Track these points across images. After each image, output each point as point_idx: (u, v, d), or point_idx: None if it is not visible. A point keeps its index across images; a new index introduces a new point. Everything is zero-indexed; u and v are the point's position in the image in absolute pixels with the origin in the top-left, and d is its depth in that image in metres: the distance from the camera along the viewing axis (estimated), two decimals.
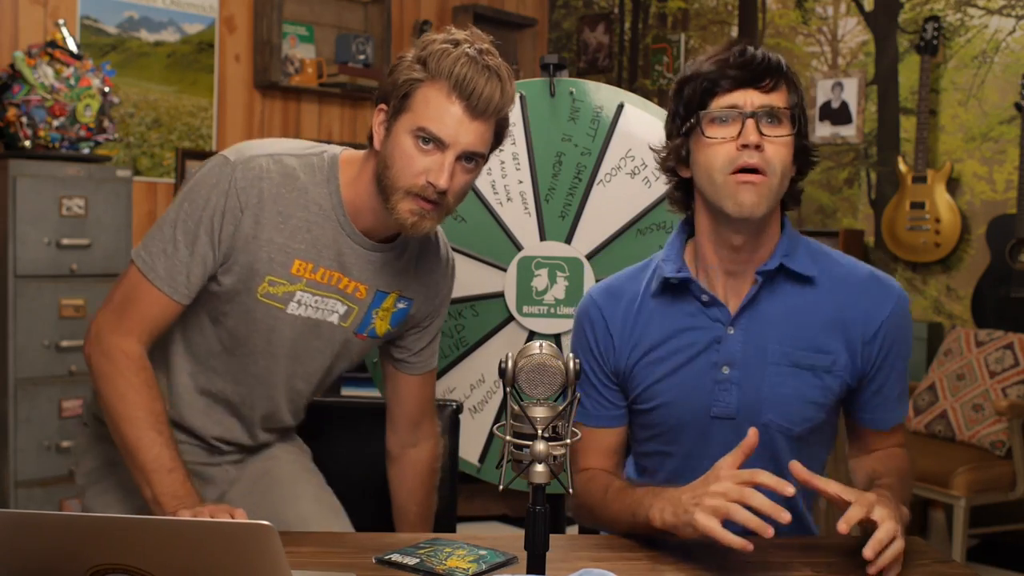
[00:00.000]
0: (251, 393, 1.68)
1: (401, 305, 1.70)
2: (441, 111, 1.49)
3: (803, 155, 1.61)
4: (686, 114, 1.59)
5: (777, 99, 1.54)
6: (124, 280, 1.58)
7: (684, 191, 1.66)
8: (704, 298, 1.60)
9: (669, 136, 1.64)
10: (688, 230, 1.67)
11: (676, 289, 1.62)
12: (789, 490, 1.32)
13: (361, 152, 1.61)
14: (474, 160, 1.54)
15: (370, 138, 1.58)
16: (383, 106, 1.55)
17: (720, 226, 1.58)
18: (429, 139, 1.49)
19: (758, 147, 1.51)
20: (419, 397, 1.81)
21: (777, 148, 1.53)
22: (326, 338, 1.65)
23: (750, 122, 1.52)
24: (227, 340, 1.63)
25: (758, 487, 1.34)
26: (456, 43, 1.51)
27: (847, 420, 1.71)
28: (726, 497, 1.33)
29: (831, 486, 1.39)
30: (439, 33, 1.54)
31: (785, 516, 1.30)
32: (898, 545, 1.33)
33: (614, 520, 1.56)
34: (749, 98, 1.53)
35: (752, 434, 1.40)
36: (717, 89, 1.55)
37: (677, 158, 1.62)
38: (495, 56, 1.56)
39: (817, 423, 1.62)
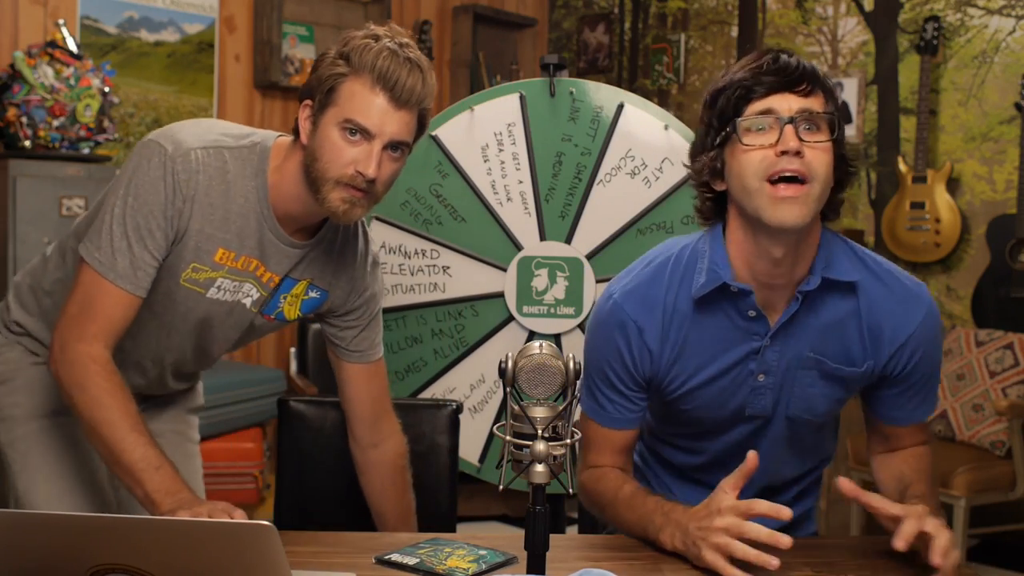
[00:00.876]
0: (159, 356, 1.74)
1: (313, 294, 1.74)
2: (366, 103, 1.53)
3: (841, 164, 1.54)
4: (720, 124, 1.52)
5: (815, 103, 1.48)
6: (79, 286, 1.56)
7: (717, 203, 1.59)
8: (751, 313, 1.54)
9: (701, 150, 1.58)
10: (723, 236, 1.59)
11: (720, 296, 1.55)
12: (785, 514, 1.36)
13: (289, 144, 1.66)
14: (399, 149, 1.58)
15: (295, 132, 1.62)
16: (308, 101, 1.59)
17: (759, 238, 1.51)
18: (356, 130, 1.54)
19: (798, 153, 1.45)
20: (369, 391, 1.82)
21: (817, 154, 1.47)
22: (236, 317, 1.71)
23: (788, 128, 1.46)
24: (144, 314, 1.63)
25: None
26: (377, 37, 1.56)
27: (868, 416, 1.70)
28: (728, 533, 1.37)
29: (880, 501, 1.42)
30: (360, 30, 1.59)
31: (784, 541, 1.34)
32: (956, 554, 1.38)
33: (624, 525, 1.57)
34: (787, 103, 1.47)
35: (751, 457, 1.42)
36: (752, 95, 1.49)
37: (712, 171, 1.56)
38: (415, 49, 1.59)
39: (835, 412, 1.68)
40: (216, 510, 1.42)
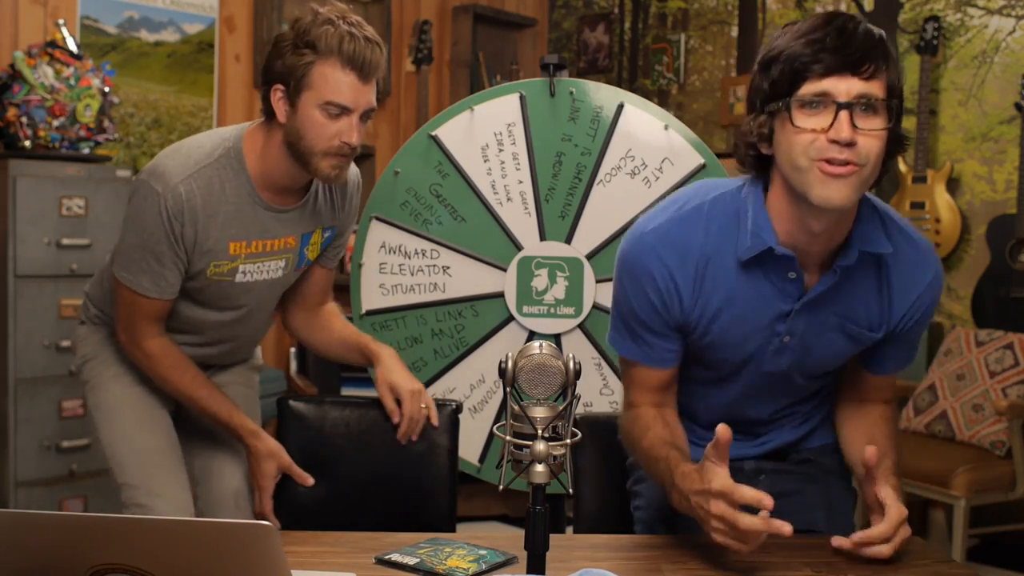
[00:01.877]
0: (213, 337, 2.08)
1: (327, 234, 2.06)
2: (340, 83, 1.77)
3: (896, 143, 1.49)
4: (772, 95, 1.45)
5: (876, 87, 1.40)
6: (121, 300, 1.95)
7: (762, 160, 1.53)
8: (791, 275, 1.52)
9: (751, 109, 1.51)
10: (763, 197, 1.54)
11: (761, 258, 1.52)
12: (767, 503, 1.36)
13: (260, 127, 1.90)
14: (369, 115, 1.85)
15: (269, 113, 1.85)
16: (279, 86, 1.81)
17: (801, 211, 1.48)
18: (336, 108, 1.78)
19: (851, 143, 1.39)
20: (324, 283, 2.17)
21: (870, 140, 1.41)
22: (272, 287, 2.04)
23: (843, 114, 1.39)
24: (198, 311, 2.01)
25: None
26: (331, 21, 1.77)
27: (853, 365, 1.71)
28: (723, 522, 1.38)
29: (884, 491, 1.48)
30: (307, 15, 1.79)
31: (781, 528, 1.35)
32: (905, 532, 1.46)
33: (649, 473, 1.62)
34: (845, 85, 1.39)
35: (722, 431, 1.39)
36: (808, 73, 1.40)
37: (760, 136, 1.49)
38: (366, 26, 1.81)
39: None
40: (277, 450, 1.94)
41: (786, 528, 1.34)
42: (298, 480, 1.94)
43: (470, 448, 2.45)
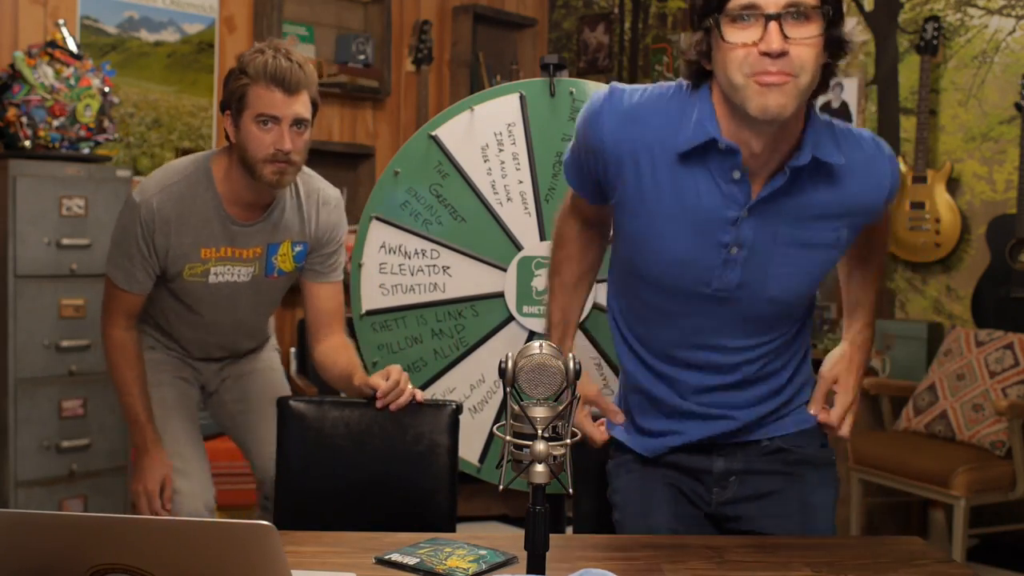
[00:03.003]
0: (208, 333, 2.41)
1: (298, 248, 2.32)
2: (268, 98, 2.10)
3: (836, 47, 1.46)
4: (704, 11, 1.44)
5: None
6: (105, 289, 2.32)
7: (708, 77, 1.52)
8: (736, 175, 1.49)
9: (693, 27, 1.50)
10: (710, 96, 1.52)
11: (705, 154, 1.49)
12: (619, 419, 1.75)
13: (224, 151, 2.25)
14: (302, 124, 2.14)
15: (228, 138, 2.21)
16: (228, 111, 2.18)
17: (742, 125, 1.46)
18: (267, 119, 2.10)
19: (782, 54, 1.37)
20: (330, 303, 2.36)
21: (804, 49, 1.39)
22: (244, 289, 2.31)
23: (773, 25, 1.37)
24: (181, 309, 2.35)
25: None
26: (262, 51, 2.12)
27: None
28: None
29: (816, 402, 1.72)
30: (251, 49, 2.16)
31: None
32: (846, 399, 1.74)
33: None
34: None
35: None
36: None
37: (699, 54, 1.49)
38: (293, 52, 2.15)
39: (816, 288, 1.66)
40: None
41: (615, 416, 1.75)
42: (163, 503, 2.25)
43: (470, 448, 2.45)
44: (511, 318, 2.45)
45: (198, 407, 2.51)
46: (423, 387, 2.49)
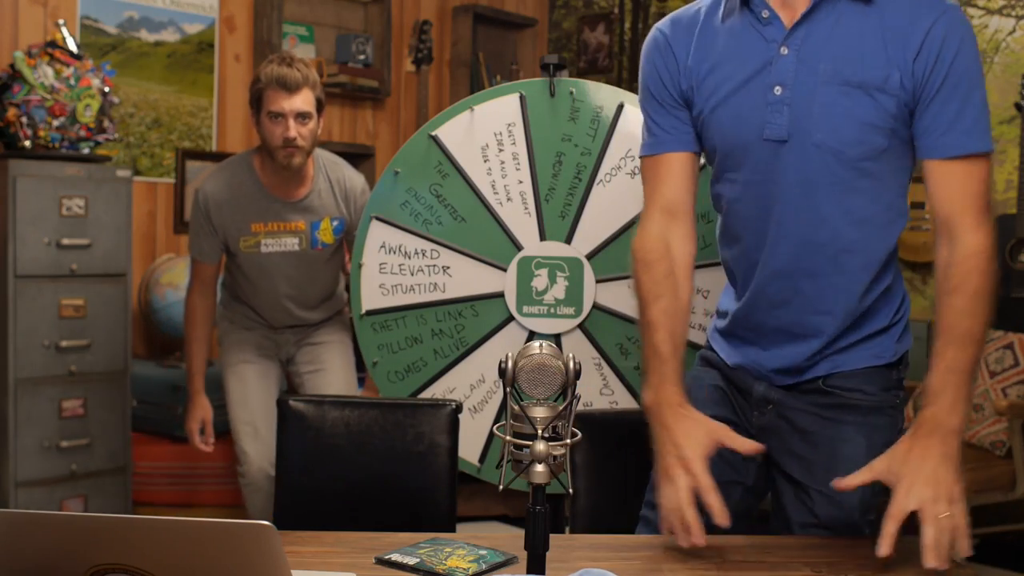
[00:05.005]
0: (276, 298, 2.93)
1: (335, 223, 2.87)
2: (274, 97, 2.67)
3: None
4: None
5: None
6: (190, 265, 2.93)
7: None
8: (764, 14, 1.56)
9: None
10: None
11: (742, 6, 1.59)
12: (722, 521, 1.46)
13: (260, 146, 2.80)
14: (305, 116, 2.69)
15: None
16: (253, 111, 2.74)
17: None
18: (275, 115, 2.68)
19: None
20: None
21: None
22: (295, 259, 2.86)
23: None
24: (243, 280, 2.93)
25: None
26: (271, 61, 2.70)
27: (921, 169, 1.58)
28: (676, 505, 1.49)
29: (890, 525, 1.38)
30: (264, 61, 2.75)
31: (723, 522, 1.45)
32: (961, 544, 1.38)
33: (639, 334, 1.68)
34: None
35: (745, 446, 1.54)
36: None
37: None
38: (293, 57, 2.72)
39: (874, 148, 1.54)
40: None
41: (721, 519, 1.46)
42: (205, 441, 2.95)
43: (470, 448, 2.45)
44: (511, 318, 2.45)
45: (279, 382, 3.05)
46: (423, 387, 2.50)
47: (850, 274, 1.60)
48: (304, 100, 2.67)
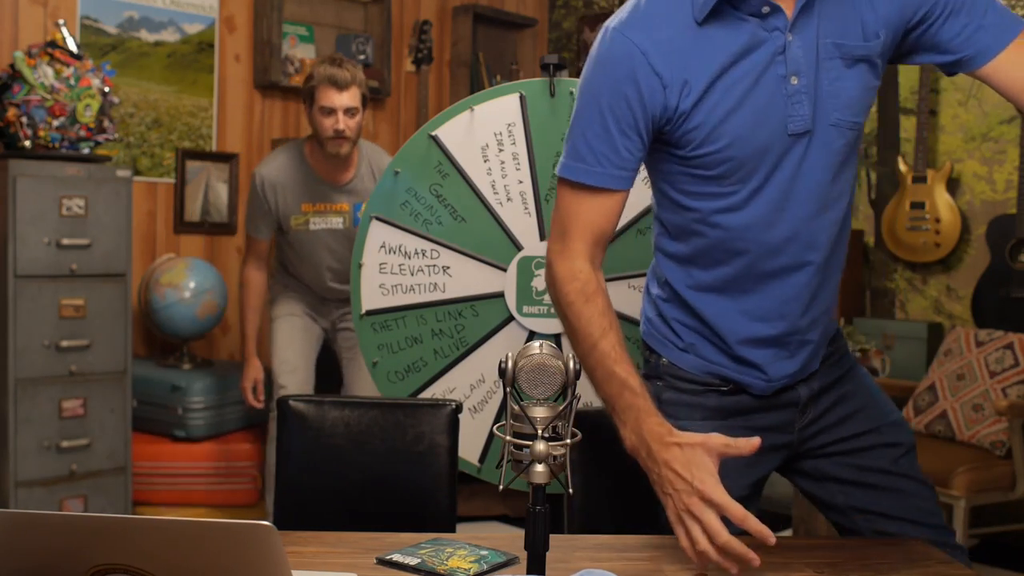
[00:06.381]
0: (312, 271, 3.36)
1: None
2: (326, 94, 3.09)
3: None
4: None
5: None
6: (245, 242, 3.44)
7: None
8: (765, 10, 1.46)
9: None
10: None
11: (726, 8, 1.47)
12: (769, 540, 1.30)
13: (311, 136, 3.23)
14: (352, 111, 3.12)
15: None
16: (304, 105, 3.17)
17: None
18: (327, 110, 3.10)
19: None
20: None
21: None
22: (339, 236, 3.27)
23: None
24: (293, 255, 3.37)
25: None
26: (323, 62, 3.11)
27: (978, 75, 1.55)
28: (710, 544, 1.33)
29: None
30: (317, 61, 3.17)
31: (770, 540, 1.30)
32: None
33: (594, 384, 1.51)
34: None
35: (745, 444, 1.36)
36: None
37: None
38: (343, 59, 3.13)
39: (868, 110, 1.57)
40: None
41: (770, 539, 1.29)
42: (258, 398, 3.44)
43: (470, 448, 2.44)
44: (511, 318, 2.45)
45: (319, 341, 3.47)
46: (423, 387, 2.50)
47: (840, 256, 1.66)
48: (352, 97, 3.09)
